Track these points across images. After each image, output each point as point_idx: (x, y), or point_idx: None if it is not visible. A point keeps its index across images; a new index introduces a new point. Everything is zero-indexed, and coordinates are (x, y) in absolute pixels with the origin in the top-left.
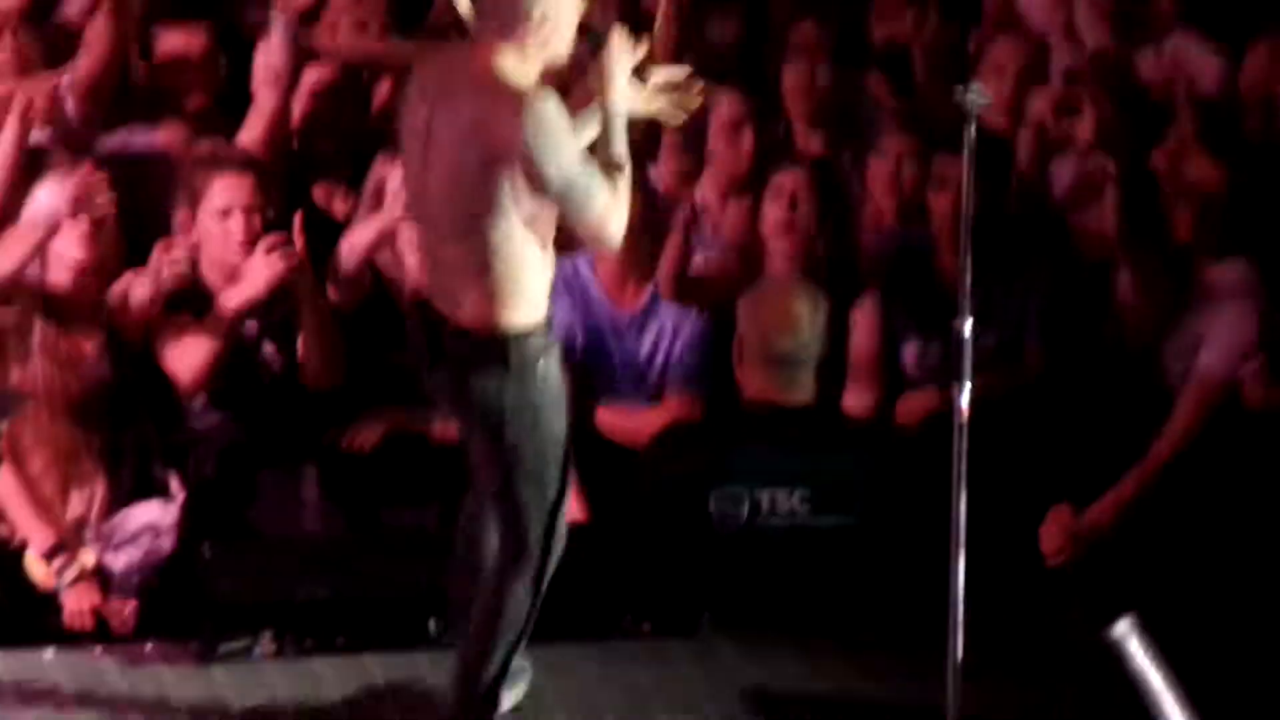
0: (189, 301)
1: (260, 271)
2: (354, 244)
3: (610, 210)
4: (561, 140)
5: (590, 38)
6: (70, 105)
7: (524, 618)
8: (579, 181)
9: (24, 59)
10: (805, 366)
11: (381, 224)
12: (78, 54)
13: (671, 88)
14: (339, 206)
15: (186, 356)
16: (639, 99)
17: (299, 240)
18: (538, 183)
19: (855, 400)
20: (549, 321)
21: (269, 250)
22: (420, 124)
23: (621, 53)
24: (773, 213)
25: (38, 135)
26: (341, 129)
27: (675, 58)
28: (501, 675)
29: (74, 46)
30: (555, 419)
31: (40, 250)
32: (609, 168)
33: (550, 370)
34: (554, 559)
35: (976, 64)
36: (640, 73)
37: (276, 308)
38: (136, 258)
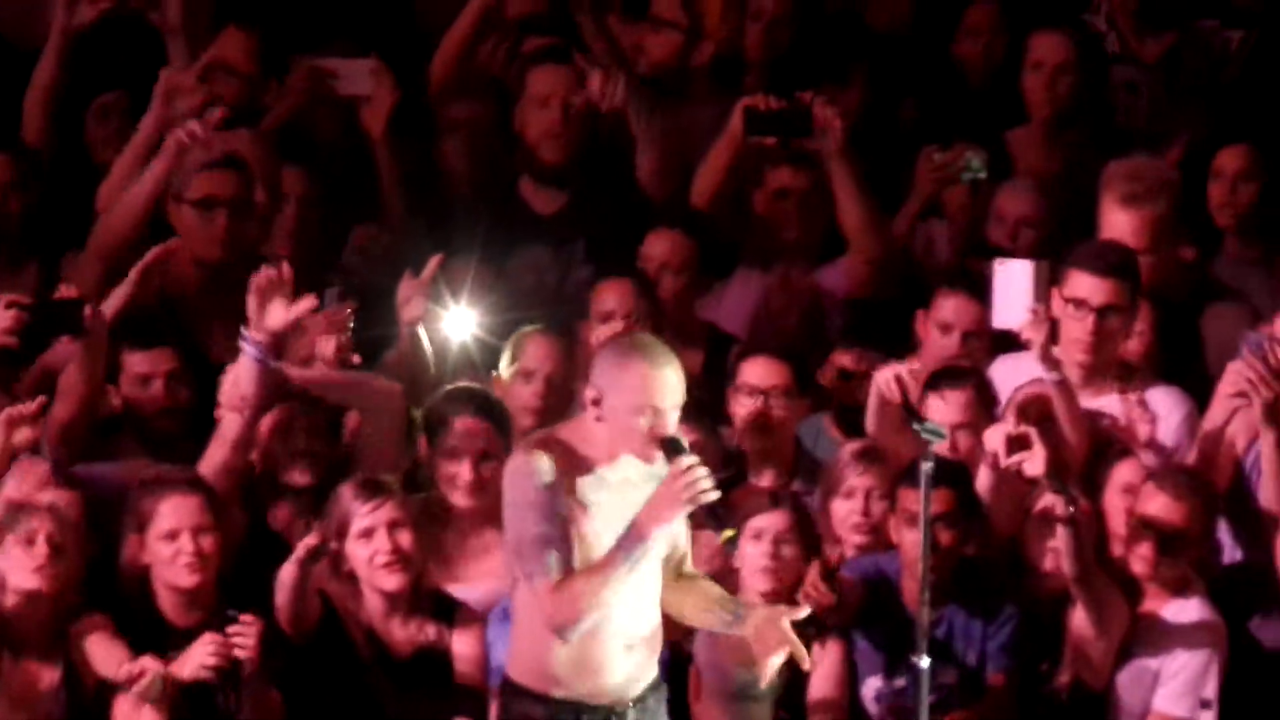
0: (145, 634)
1: (203, 655)
2: (281, 580)
3: (553, 598)
4: (521, 500)
5: (671, 443)
6: (45, 447)
7: None
8: (526, 550)
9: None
10: (764, 701)
11: (297, 556)
12: (54, 399)
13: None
14: (299, 533)
15: None
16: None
17: (251, 636)
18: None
19: None
20: (558, 706)
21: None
22: None
23: (679, 482)
24: (753, 555)
25: None
26: (313, 458)
27: None
28: None
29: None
30: None
31: None
32: (601, 566)
33: None
34: None
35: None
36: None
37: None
38: (96, 596)
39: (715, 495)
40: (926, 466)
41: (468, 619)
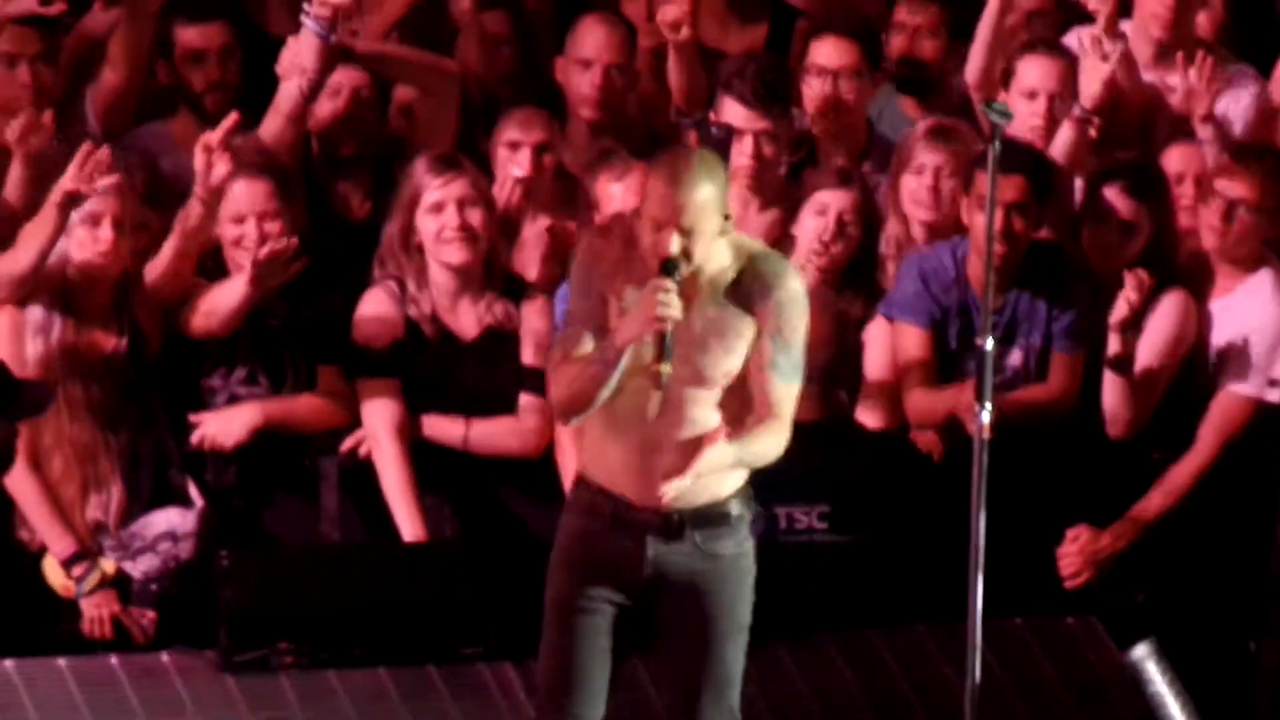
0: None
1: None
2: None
3: (551, 375)
4: (569, 286)
5: (666, 263)
6: (91, 116)
7: None
8: (559, 329)
9: (41, 88)
10: (825, 381)
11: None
12: (100, 68)
13: None
14: (358, 209)
15: (213, 301)
16: None
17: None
18: None
19: (868, 416)
20: (599, 498)
21: None
22: None
23: (649, 300)
24: (815, 228)
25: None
26: (364, 132)
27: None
28: None
29: (97, 59)
30: (550, 581)
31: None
32: (588, 361)
33: (563, 531)
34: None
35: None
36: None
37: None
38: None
39: (677, 319)
40: (994, 147)
41: (535, 298)
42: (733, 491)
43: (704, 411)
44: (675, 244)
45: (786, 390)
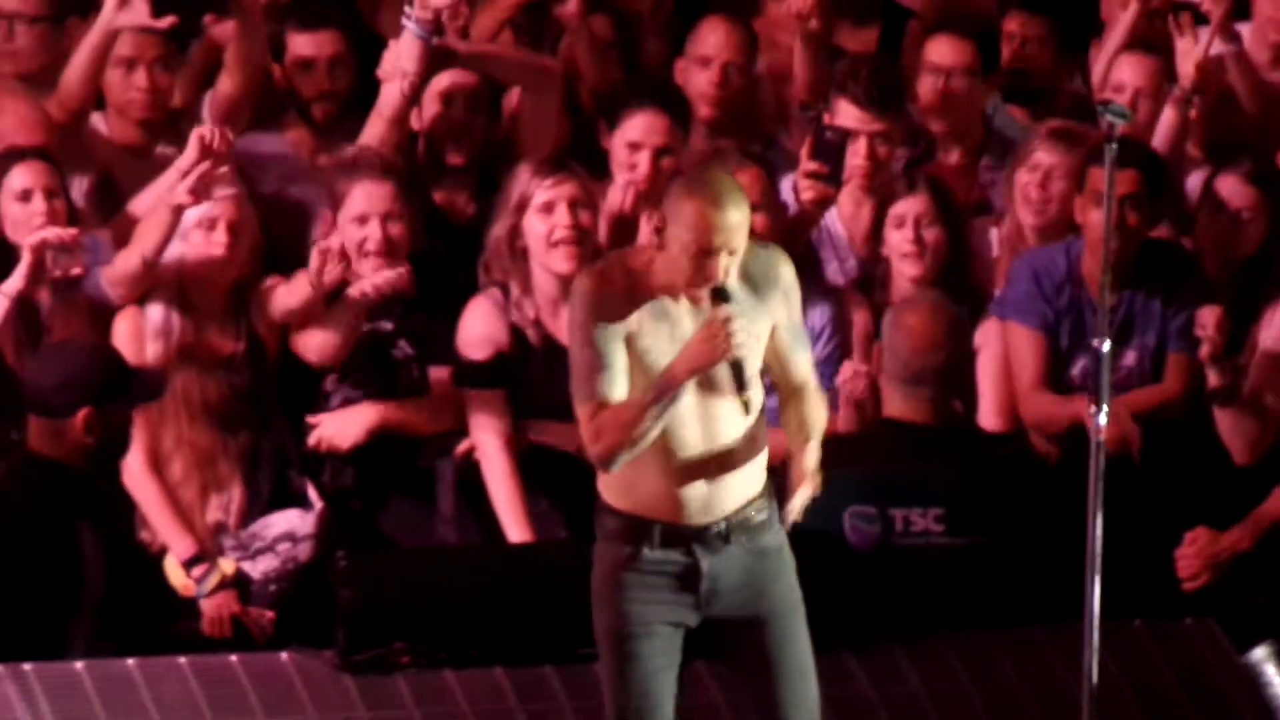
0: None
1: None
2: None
3: (587, 428)
4: (572, 322)
5: (717, 291)
6: (208, 117)
7: None
8: (573, 373)
9: (158, 93)
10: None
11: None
12: (219, 75)
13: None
14: (463, 210)
15: (320, 335)
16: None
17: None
18: None
19: (984, 419)
20: (639, 524)
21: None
22: None
23: (713, 332)
24: (897, 241)
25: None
26: (471, 135)
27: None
28: None
29: (218, 65)
30: (601, 612)
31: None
32: (634, 405)
33: (606, 560)
34: None
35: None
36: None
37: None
38: (272, 260)
39: (746, 352)
40: (1111, 148)
41: None
42: (760, 490)
43: (734, 420)
44: (723, 268)
45: (809, 358)
